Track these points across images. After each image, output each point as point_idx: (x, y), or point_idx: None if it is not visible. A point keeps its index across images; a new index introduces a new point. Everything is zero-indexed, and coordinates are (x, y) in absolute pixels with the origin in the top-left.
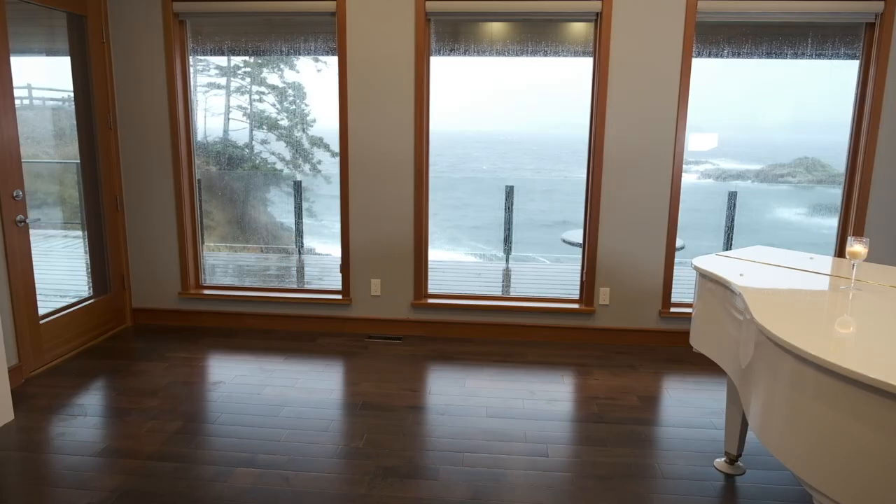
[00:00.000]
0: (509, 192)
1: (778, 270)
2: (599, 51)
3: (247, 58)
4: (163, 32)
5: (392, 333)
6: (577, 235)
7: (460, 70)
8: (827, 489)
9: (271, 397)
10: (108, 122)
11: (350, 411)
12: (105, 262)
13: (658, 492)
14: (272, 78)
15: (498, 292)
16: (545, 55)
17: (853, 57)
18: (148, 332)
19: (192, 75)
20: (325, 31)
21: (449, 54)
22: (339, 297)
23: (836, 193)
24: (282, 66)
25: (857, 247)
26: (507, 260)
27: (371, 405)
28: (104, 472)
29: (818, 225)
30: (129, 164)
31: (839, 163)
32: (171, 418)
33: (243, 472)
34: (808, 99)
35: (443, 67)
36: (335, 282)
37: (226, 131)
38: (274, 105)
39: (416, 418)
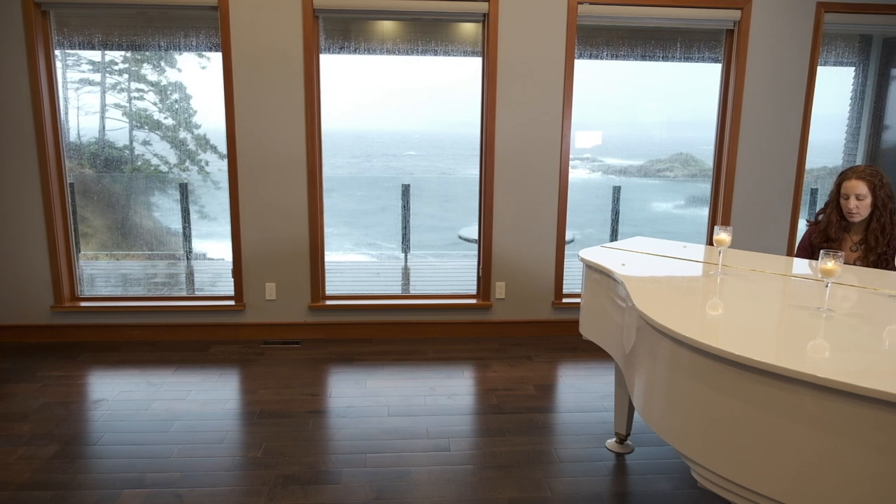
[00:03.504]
0: (405, 190)
1: (656, 259)
2: (488, 51)
3: (123, 53)
4: (23, 24)
5: (289, 338)
6: (473, 232)
7: (353, 68)
8: (702, 459)
9: (160, 412)
10: None
11: (247, 420)
12: None
13: (555, 476)
14: (153, 74)
15: (397, 291)
16: (436, 54)
17: (717, 61)
18: (16, 350)
19: (59, 71)
20: (208, 26)
21: (339, 52)
22: (232, 302)
23: (708, 186)
24: (162, 62)
25: (722, 235)
26: (405, 258)
27: (269, 413)
28: None
29: (694, 215)
30: None
31: (710, 158)
32: (45, 443)
33: (130, 494)
34: (680, 99)
35: (335, 65)
36: (229, 287)
37: (102, 131)
38: (155, 104)
39: (317, 423)
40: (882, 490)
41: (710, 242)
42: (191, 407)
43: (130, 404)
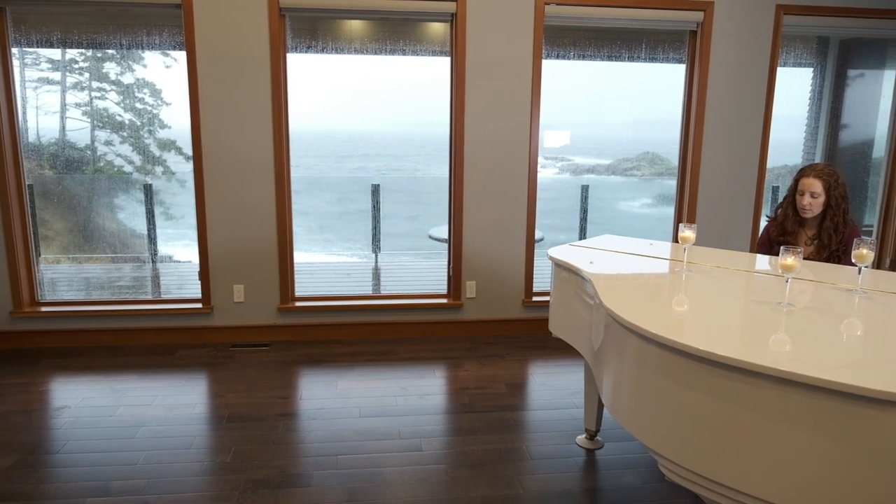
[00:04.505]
0: (375, 190)
1: (623, 257)
2: (456, 50)
3: (83, 51)
4: None
5: (259, 340)
6: (444, 231)
7: (322, 68)
8: (669, 454)
9: (125, 418)
10: None
11: (216, 425)
12: None
13: (527, 473)
14: (115, 73)
15: (368, 291)
16: (404, 54)
17: (681, 61)
18: None
19: (17, 69)
20: (171, 24)
21: (307, 51)
22: (199, 305)
23: (674, 184)
24: (126, 60)
25: (687, 232)
26: (375, 259)
27: (238, 416)
28: None
29: (661, 213)
30: None
31: (676, 157)
32: (4, 452)
33: (95, 502)
34: (646, 98)
35: (302, 65)
36: (196, 290)
37: (63, 131)
38: (118, 103)
39: (288, 425)
40: (841, 477)
41: (676, 240)
42: (157, 412)
43: (94, 411)
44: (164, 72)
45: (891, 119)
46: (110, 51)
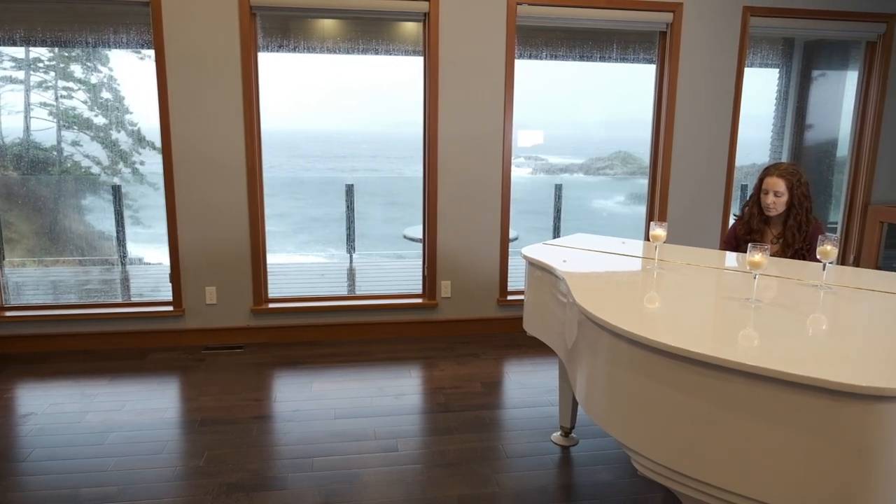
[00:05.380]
0: (349, 190)
1: (596, 255)
2: (429, 50)
3: (49, 49)
4: None
5: (232, 342)
6: (418, 231)
7: (294, 67)
8: (641, 449)
9: (95, 424)
10: None
11: (188, 429)
12: None
13: (503, 471)
14: (82, 72)
15: (343, 292)
16: (377, 53)
17: (651, 62)
18: None
19: None
20: (140, 22)
21: (279, 50)
22: (171, 308)
23: (646, 183)
24: (93, 59)
25: (658, 230)
26: (350, 259)
27: (211, 420)
28: None
29: (633, 211)
30: None
31: (648, 156)
32: None
33: None
34: (618, 98)
35: (275, 64)
36: (167, 293)
37: (27, 131)
38: (85, 102)
39: (262, 428)
40: (808, 468)
41: (648, 238)
42: (128, 417)
43: (62, 417)
44: (132, 71)
45: (853, 119)
46: (76, 49)
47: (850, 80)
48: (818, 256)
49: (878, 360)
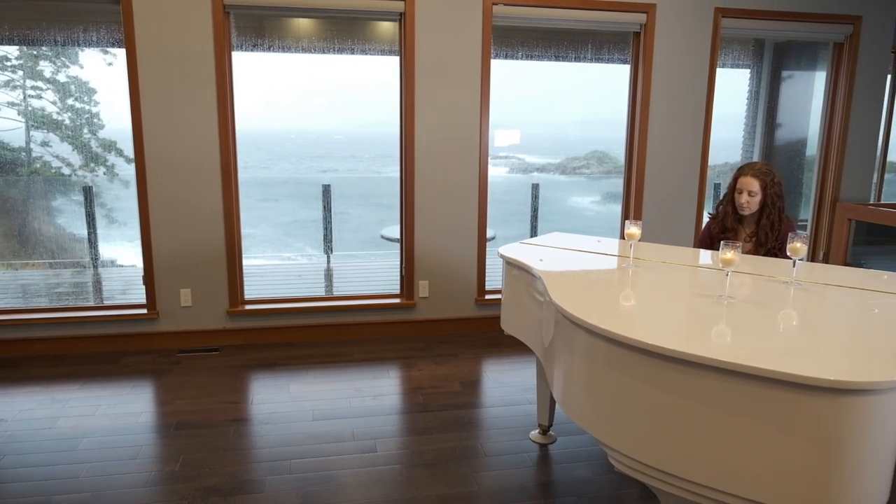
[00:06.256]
0: (326, 190)
1: (572, 254)
2: (405, 50)
3: (16, 48)
4: None
5: (208, 345)
6: (396, 231)
7: (270, 67)
8: (617, 445)
9: (66, 430)
10: None
11: (163, 433)
12: None
13: (482, 470)
14: (51, 71)
15: (321, 293)
16: (353, 53)
17: (625, 62)
18: None
19: None
20: (110, 21)
21: (253, 49)
22: (144, 311)
23: (621, 182)
24: (63, 58)
25: (632, 229)
26: (328, 259)
27: (187, 424)
28: None
29: (609, 210)
30: None
31: (623, 155)
32: None
33: None
34: (594, 99)
35: (249, 64)
36: (141, 295)
37: None
38: (55, 102)
39: (239, 431)
40: (781, 462)
41: (623, 236)
42: (100, 422)
43: (33, 423)
44: (102, 70)
45: (822, 118)
46: (44, 48)
47: (819, 81)
48: (788, 253)
49: (845, 354)
